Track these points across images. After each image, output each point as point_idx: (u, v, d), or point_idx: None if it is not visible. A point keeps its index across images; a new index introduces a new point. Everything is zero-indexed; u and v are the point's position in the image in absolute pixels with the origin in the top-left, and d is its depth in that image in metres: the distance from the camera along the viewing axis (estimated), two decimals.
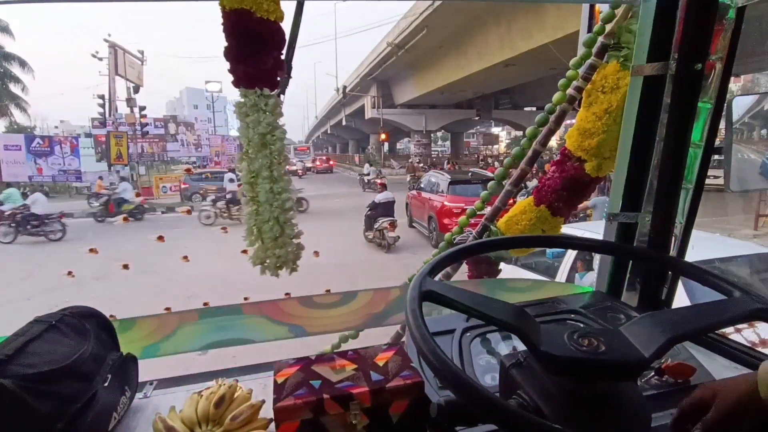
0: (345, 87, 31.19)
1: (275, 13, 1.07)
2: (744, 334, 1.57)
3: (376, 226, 9.18)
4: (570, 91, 1.37)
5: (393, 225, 8.97)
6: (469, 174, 12.56)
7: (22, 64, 23.76)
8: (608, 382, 0.60)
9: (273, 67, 1.13)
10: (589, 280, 4.21)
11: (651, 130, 1.12)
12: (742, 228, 7.92)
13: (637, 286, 1.20)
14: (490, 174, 12.22)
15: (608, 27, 1.27)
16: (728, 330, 1.55)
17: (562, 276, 4.24)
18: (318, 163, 32.12)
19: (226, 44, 1.09)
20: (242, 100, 1.15)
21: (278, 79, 1.16)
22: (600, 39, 1.30)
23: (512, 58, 16.82)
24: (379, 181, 13.36)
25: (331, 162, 29.95)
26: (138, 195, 13.22)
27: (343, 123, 45.07)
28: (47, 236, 10.61)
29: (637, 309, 1.12)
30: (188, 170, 20.05)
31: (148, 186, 18.71)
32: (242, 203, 1.25)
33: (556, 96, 1.38)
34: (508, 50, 16.49)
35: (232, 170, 13.66)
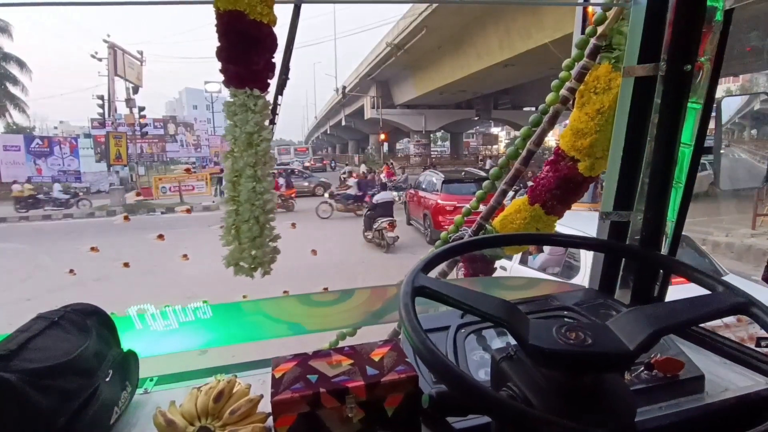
0: (344, 87, 31.18)
1: (268, 16, 1.09)
2: (733, 331, 1.60)
3: (375, 227, 9.21)
4: (563, 92, 1.38)
5: (392, 225, 9.00)
6: (463, 173, 13.07)
7: (21, 64, 23.76)
8: (595, 375, 0.62)
9: (264, 68, 1.15)
10: (539, 261, 4.54)
11: (642, 130, 1.14)
12: (739, 227, 7.93)
13: (629, 283, 1.22)
14: (482, 173, 13.19)
15: (600, 29, 1.29)
16: (718, 326, 1.57)
17: (517, 257, 4.49)
18: (313, 162, 35.04)
19: (218, 44, 1.11)
20: (231, 99, 1.17)
21: (269, 81, 1.17)
22: (592, 41, 1.32)
23: (511, 59, 16.82)
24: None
25: (324, 161, 32.52)
26: (138, 194, 13.39)
27: (343, 123, 45.07)
28: None
29: (629, 306, 1.13)
30: (187, 170, 20.15)
31: (147, 186, 18.70)
32: (223, 202, 1.25)
33: (550, 97, 1.40)
34: (507, 50, 16.50)
35: None
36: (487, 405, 0.52)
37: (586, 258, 3.95)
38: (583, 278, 3.79)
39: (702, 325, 1.05)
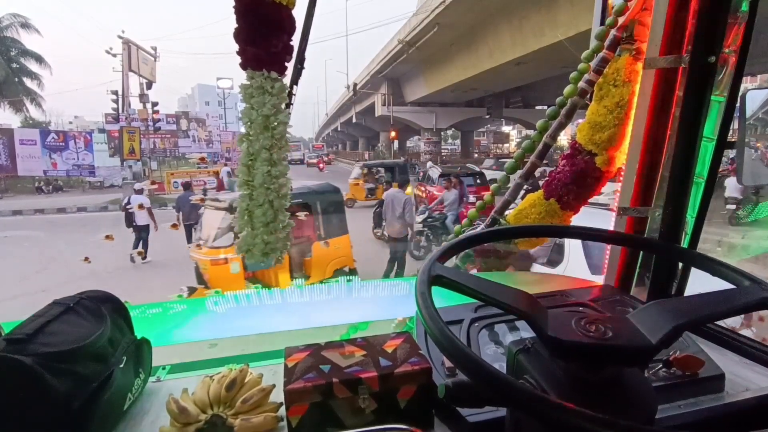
0: (355, 84, 31.17)
1: None
2: (753, 329, 1.55)
3: (384, 224, 9.19)
4: (581, 84, 1.36)
5: None
6: (459, 168, 14.85)
7: (39, 60, 24.07)
8: (615, 368, 0.61)
9: (282, 51, 1.13)
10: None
11: (663, 123, 1.11)
12: (756, 229, 7.77)
13: (646, 280, 1.20)
14: (477, 168, 15.10)
15: (621, 20, 1.26)
16: (737, 325, 1.53)
17: None
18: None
19: (236, 26, 1.10)
20: (248, 82, 1.15)
21: (286, 64, 1.16)
22: (612, 32, 1.29)
23: (524, 57, 16.71)
24: None
25: (329, 156, 33.94)
26: (153, 183, 13.80)
27: (354, 120, 45.13)
28: None
29: (646, 303, 1.11)
30: (202, 158, 20.66)
31: (160, 181, 18.91)
32: (237, 186, 1.24)
33: (568, 89, 1.37)
34: (519, 48, 16.39)
35: None
36: (511, 394, 0.50)
37: (570, 249, 4.25)
38: (565, 267, 4.17)
39: (721, 323, 1.03)
